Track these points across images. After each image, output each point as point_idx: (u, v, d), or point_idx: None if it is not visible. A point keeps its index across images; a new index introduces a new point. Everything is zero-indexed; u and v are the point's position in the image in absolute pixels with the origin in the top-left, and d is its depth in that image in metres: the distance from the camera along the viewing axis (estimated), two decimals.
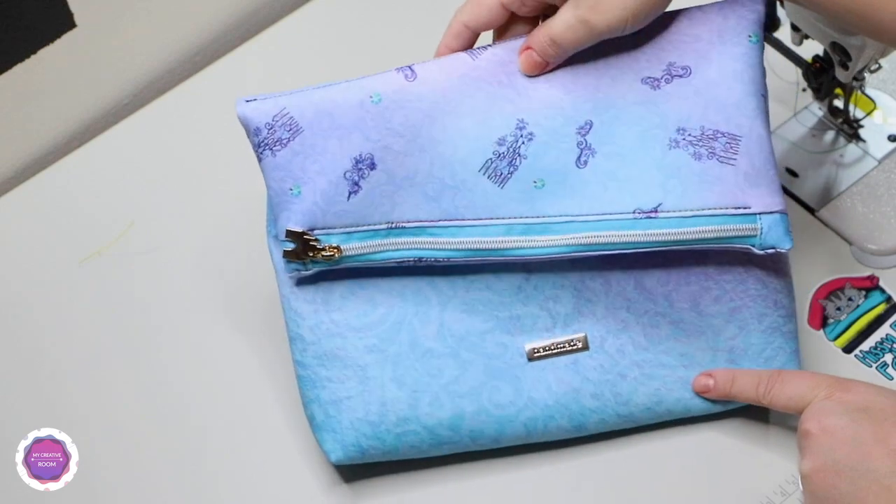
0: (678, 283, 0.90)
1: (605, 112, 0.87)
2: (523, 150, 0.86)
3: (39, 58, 1.10)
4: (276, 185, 0.87)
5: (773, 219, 0.86)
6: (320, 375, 0.90)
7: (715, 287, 0.90)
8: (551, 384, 0.91)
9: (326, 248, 0.87)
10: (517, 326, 0.91)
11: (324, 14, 1.20)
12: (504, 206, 0.87)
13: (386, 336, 0.90)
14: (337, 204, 0.87)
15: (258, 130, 0.87)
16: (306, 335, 0.90)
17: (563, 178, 0.86)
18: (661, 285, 0.90)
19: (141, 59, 1.18)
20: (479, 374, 0.90)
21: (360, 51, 1.18)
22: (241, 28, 1.22)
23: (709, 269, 0.90)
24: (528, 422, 0.91)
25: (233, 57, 1.18)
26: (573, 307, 0.91)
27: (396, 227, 0.87)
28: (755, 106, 0.87)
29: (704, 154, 0.86)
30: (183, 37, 1.20)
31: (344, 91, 0.87)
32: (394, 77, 0.87)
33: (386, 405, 0.90)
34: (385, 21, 1.20)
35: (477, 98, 0.87)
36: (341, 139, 0.86)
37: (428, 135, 0.86)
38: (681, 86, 0.87)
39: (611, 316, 0.91)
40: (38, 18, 1.08)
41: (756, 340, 0.91)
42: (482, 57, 0.87)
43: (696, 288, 0.90)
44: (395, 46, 1.18)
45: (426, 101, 0.86)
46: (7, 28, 1.07)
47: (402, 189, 0.87)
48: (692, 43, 0.87)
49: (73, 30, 1.11)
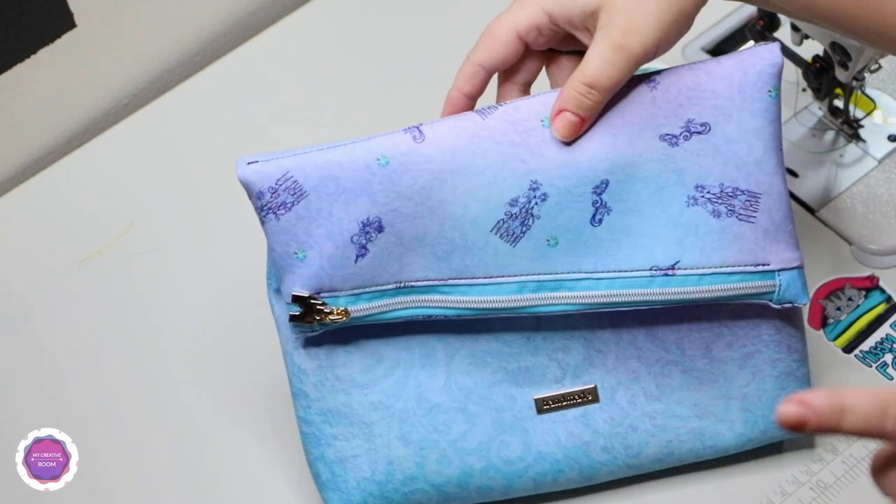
0: (690, 329, 0.88)
1: (621, 170, 0.84)
2: (536, 210, 0.84)
3: (39, 58, 1.10)
4: (280, 249, 0.85)
5: (792, 275, 0.85)
6: (325, 433, 0.89)
7: (728, 333, 0.88)
8: (561, 438, 0.89)
9: (334, 312, 0.85)
10: (526, 378, 0.89)
11: (324, 14, 1.20)
12: (516, 264, 0.84)
13: (392, 392, 0.88)
14: (344, 267, 0.84)
15: (261, 194, 0.84)
16: (310, 392, 0.88)
17: (578, 235, 0.84)
18: (673, 332, 0.88)
19: (141, 59, 1.18)
20: (488, 428, 0.89)
21: (360, 51, 1.18)
22: (241, 28, 1.22)
23: (721, 315, 0.88)
24: (537, 476, 0.90)
25: (233, 57, 1.18)
26: (583, 358, 0.88)
27: (405, 286, 0.85)
28: (775, 162, 0.85)
29: (724, 212, 0.84)
30: (183, 37, 1.20)
31: (349, 153, 0.84)
32: (401, 138, 0.84)
33: (393, 464, 0.88)
34: (385, 21, 1.20)
35: (488, 159, 0.84)
36: (347, 203, 0.84)
37: (438, 196, 0.84)
38: (700, 143, 0.84)
39: (621, 366, 0.89)
40: (38, 18, 1.08)
41: (770, 386, 0.89)
42: (493, 116, 0.84)
43: (709, 334, 0.88)
44: (395, 47, 1.18)
45: (435, 162, 0.84)
46: (7, 28, 1.07)
47: (412, 250, 0.84)
48: (711, 99, 0.85)
49: (73, 30, 1.11)
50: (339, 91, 1.16)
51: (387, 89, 1.15)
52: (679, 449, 0.90)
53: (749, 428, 0.90)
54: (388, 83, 1.16)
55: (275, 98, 1.16)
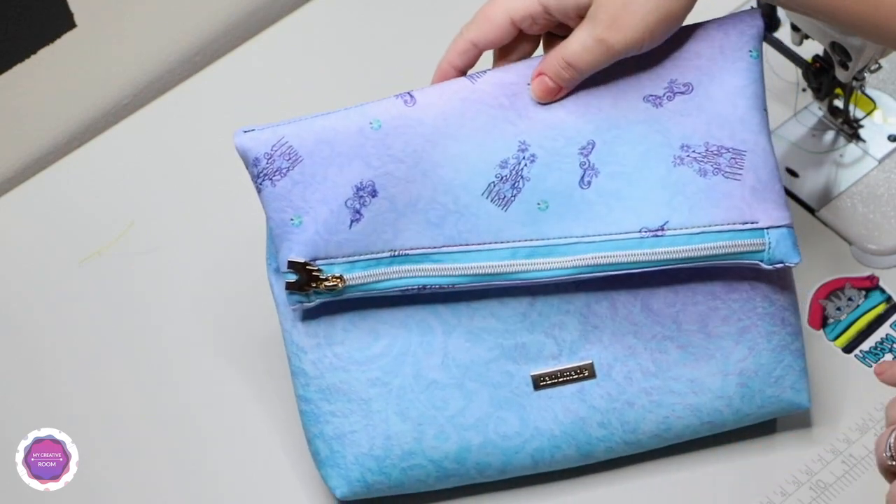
0: (685, 303, 0.89)
1: (607, 131, 0.86)
2: (526, 172, 0.85)
3: (39, 58, 1.10)
4: (276, 216, 0.86)
5: (781, 233, 0.85)
6: (323, 410, 0.89)
7: (723, 307, 0.89)
8: (558, 414, 0.90)
9: (329, 279, 0.85)
10: (523, 354, 0.89)
11: (324, 14, 1.20)
12: (508, 229, 0.86)
13: (389, 368, 0.89)
14: (339, 233, 0.85)
15: (257, 161, 0.85)
16: (309, 369, 0.89)
17: (567, 199, 0.85)
18: (668, 306, 0.89)
19: (141, 59, 1.18)
20: (485, 404, 0.89)
21: (360, 51, 1.18)
22: (241, 28, 1.22)
23: (715, 287, 0.88)
24: (534, 452, 0.90)
25: (233, 57, 1.18)
26: (579, 334, 0.89)
27: (399, 254, 0.86)
28: (759, 121, 0.86)
29: (710, 170, 0.85)
30: (183, 37, 1.20)
31: (343, 118, 0.86)
32: (393, 103, 0.86)
33: (391, 439, 0.89)
34: (385, 21, 1.20)
35: (478, 121, 0.86)
36: (342, 167, 0.85)
37: (429, 160, 0.85)
38: (683, 103, 0.86)
39: (618, 342, 0.89)
40: (38, 18, 1.08)
41: (766, 360, 0.90)
42: (482, 80, 0.86)
43: (704, 308, 0.89)
44: (395, 46, 1.18)
45: (427, 125, 0.85)
46: (7, 28, 1.07)
47: (405, 216, 0.86)
48: (693, 60, 0.86)
49: (73, 30, 1.11)
50: (339, 91, 1.16)
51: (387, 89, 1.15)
52: (676, 425, 0.91)
53: (746, 403, 0.91)
54: (388, 83, 1.15)
55: (275, 98, 1.16)
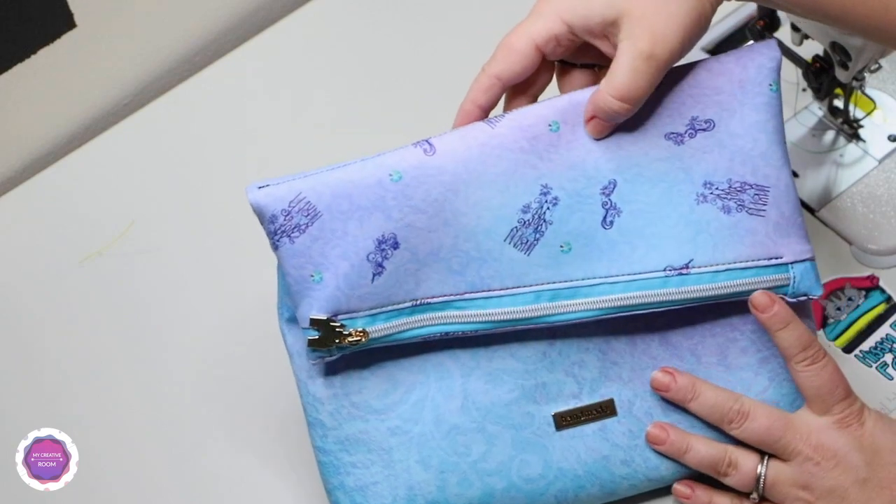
0: (703, 335, 0.88)
1: (628, 170, 0.85)
2: (548, 215, 0.84)
3: (39, 58, 1.10)
4: (295, 273, 0.83)
5: (805, 266, 0.85)
6: (343, 461, 0.87)
7: (742, 338, 0.88)
8: (580, 453, 0.88)
9: (353, 334, 0.83)
10: (543, 394, 0.88)
11: (324, 14, 1.20)
12: (531, 273, 0.84)
13: (409, 416, 0.87)
14: (361, 287, 0.83)
15: (274, 218, 0.83)
16: (326, 421, 0.87)
17: (590, 240, 0.84)
18: (687, 339, 0.88)
19: (141, 59, 1.18)
20: (507, 447, 0.88)
21: (360, 51, 1.18)
22: (241, 28, 1.22)
23: (733, 319, 0.88)
24: (558, 493, 0.89)
25: (233, 57, 1.18)
26: (599, 371, 0.88)
27: (421, 303, 0.84)
28: (780, 155, 0.85)
29: (734, 207, 0.85)
30: (183, 37, 1.20)
31: (361, 171, 0.83)
32: (412, 152, 0.84)
33: (413, 489, 0.87)
34: (385, 21, 1.20)
35: (499, 166, 0.84)
36: (362, 221, 0.83)
37: (451, 208, 0.84)
38: (705, 139, 0.85)
39: (637, 377, 0.88)
40: (38, 18, 1.08)
41: (787, 390, 0.89)
42: (500, 124, 0.84)
43: (722, 339, 0.88)
44: (395, 47, 1.18)
45: (447, 173, 0.83)
46: (7, 28, 1.07)
47: (427, 265, 0.84)
48: (713, 96, 0.85)
49: (73, 30, 1.11)
50: (339, 91, 1.16)
51: (387, 89, 1.16)
52: None
53: None
54: (389, 83, 1.16)
55: (275, 98, 1.16)
